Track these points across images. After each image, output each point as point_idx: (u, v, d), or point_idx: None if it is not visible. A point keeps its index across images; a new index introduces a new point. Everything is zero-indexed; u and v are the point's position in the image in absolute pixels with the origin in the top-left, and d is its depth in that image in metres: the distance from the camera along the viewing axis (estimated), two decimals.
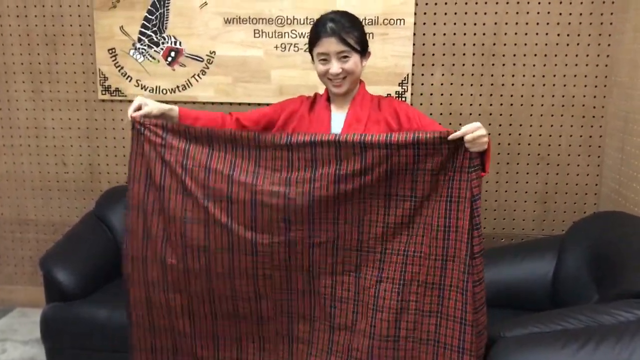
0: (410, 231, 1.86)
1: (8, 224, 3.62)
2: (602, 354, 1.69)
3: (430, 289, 1.84)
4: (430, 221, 1.83)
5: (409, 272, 1.85)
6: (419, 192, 1.82)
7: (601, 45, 3.06)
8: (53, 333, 2.75)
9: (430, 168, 1.80)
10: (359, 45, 1.97)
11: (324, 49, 1.94)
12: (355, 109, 2.01)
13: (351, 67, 1.96)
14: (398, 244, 1.86)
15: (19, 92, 3.46)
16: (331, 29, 1.92)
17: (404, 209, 1.84)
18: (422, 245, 1.84)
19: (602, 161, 3.15)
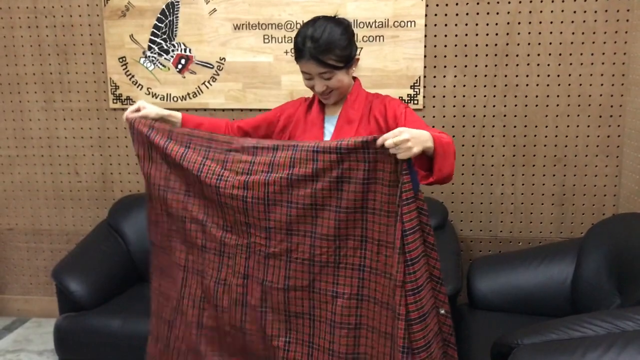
0: (362, 245, 1.71)
1: (22, 234, 3.63)
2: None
3: (385, 308, 1.68)
4: (378, 236, 1.68)
5: (365, 288, 1.71)
6: (356, 202, 1.68)
7: (617, 42, 2.99)
8: (67, 344, 2.74)
9: (366, 177, 1.65)
10: (342, 61, 1.86)
11: (304, 69, 1.88)
12: (347, 110, 1.96)
13: (335, 84, 1.89)
14: (352, 258, 1.73)
15: (31, 102, 3.47)
16: (309, 52, 1.82)
17: (355, 220, 1.69)
18: (376, 262, 1.69)
19: (621, 162, 3.09)
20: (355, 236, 1.71)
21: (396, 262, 1.60)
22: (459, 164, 3.19)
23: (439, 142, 1.61)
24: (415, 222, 1.61)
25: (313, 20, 1.89)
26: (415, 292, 1.60)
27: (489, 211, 3.23)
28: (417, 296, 1.61)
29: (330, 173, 1.68)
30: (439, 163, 1.61)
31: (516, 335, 1.85)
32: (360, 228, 1.69)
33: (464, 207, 3.24)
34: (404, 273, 1.60)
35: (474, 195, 3.23)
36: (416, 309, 1.61)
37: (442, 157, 1.62)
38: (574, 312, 2.43)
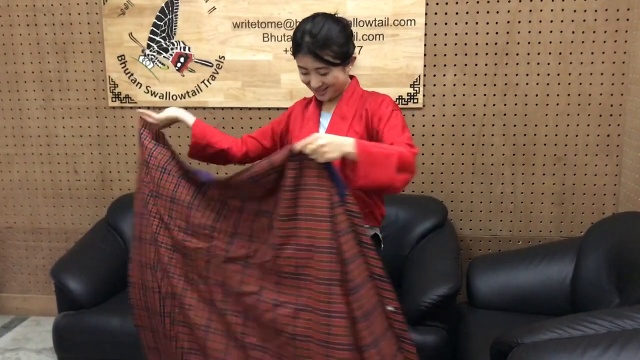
0: (297, 253, 1.71)
1: (21, 232, 3.62)
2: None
3: (320, 315, 1.67)
4: (310, 242, 1.67)
5: (303, 297, 1.71)
6: (288, 210, 1.70)
7: (617, 41, 2.99)
8: (65, 342, 2.74)
9: (295, 184, 1.68)
10: (339, 58, 1.87)
11: (301, 63, 1.89)
12: (342, 107, 1.97)
13: (331, 80, 1.90)
14: (290, 267, 1.73)
15: (30, 100, 3.46)
16: (307, 46, 1.83)
17: (287, 229, 1.71)
18: (310, 269, 1.69)
19: (621, 161, 3.08)
20: (290, 244, 1.71)
21: (332, 263, 1.62)
22: (459, 162, 3.19)
23: (364, 150, 1.63)
24: (345, 224, 1.63)
25: (312, 17, 1.90)
26: (354, 291, 1.63)
27: (488, 210, 3.22)
28: (356, 295, 1.63)
29: (271, 184, 1.74)
30: (363, 170, 1.63)
31: (516, 334, 1.84)
32: (294, 236, 1.70)
33: (464, 206, 3.24)
34: (341, 272, 1.62)
35: (473, 194, 3.22)
36: (358, 307, 1.63)
37: (368, 164, 1.64)
38: (574, 311, 2.43)
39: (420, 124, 3.18)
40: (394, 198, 3.02)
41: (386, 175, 1.66)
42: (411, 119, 3.18)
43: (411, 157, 1.74)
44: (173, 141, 3.40)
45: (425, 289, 2.54)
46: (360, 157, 1.63)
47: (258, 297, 1.78)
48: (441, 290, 2.50)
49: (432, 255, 2.82)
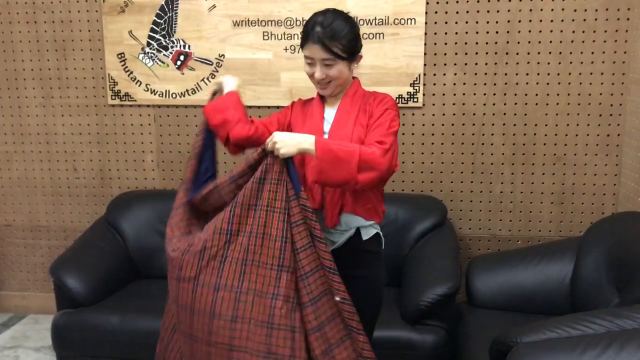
0: (249, 240, 1.80)
1: (20, 230, 3.62)
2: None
3: (263, 297, 1.77)
4: (263, 230, 1.79)
5: (245, 281, 1.79)
6: (250, 200, 1.80)
7: (618, 41, 2.99)
8: (64, 340, 2.74)
9: (262, 177, 1.80)
10: (346, 52, 1.89)
11: (309, 53, 1.90)
12: (346, 103, 1.98)
13: (335, 74, 1.91)
14: (240, 253, 1.81)
15: (29, 98, 3.46)
16: (317, 36, 1.85)
17: (244, 217, 1.82)
18: (259, 255, 1.79)
19: (621, 160, 3.08)
20: (245, 232, 1.81)
21: (284, 251, 1.75)
22: (458, 161, 3.18)
23: (323, 147, 1.74)
24: (299, 216, 1.76)
25: (324, 11, 1.93)
26: (303, 277, 1.75)
27: (488, 209, 3.22)
28: (305, 282, 1.75)
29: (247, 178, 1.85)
30: (320, 165, 1.74)
31: (515, 334, 1.84)
32: (248, 224, 1.80)
33: (463, 205, 3.24)
34: (294, 261, 1.75)
35: (473, 193, 3.22)
36: (306, 293, 1.75)
37: (327, 162, 1.73)
38: (573, 310, 2.43)
39: (420, 123, 3.18)
40: (393, 197, 3.02)
41: (346, 172, 1.74)
42: (411, 118, 3.17)
43: (376, 154, 1.77)
44: (181, 139, 3.40)
45: (425, 288, 2.54)
46: (319, 154, 1.74)
47: (196, 282, 1.84)
48: (440, 290, 2.50)
49: (431, 254, 2.82)
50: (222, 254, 1.81)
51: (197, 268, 1.82)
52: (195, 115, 3.33)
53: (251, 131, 2.01)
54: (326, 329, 1.76)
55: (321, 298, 1.76)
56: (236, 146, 2.06)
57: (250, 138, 2.01)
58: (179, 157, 3.40)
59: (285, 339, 1.74)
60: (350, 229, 1.93)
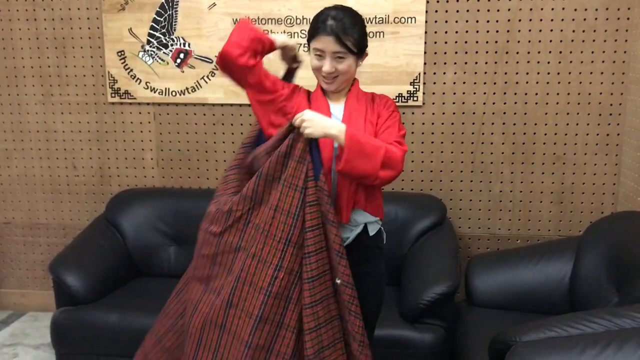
0: (265, 210, 1.87)
1: (19, 228, 3.62)
2: (623, 359, 1.63)
3: (266, 265, 1.85)
4: (276, 202, 1.85)
5: (254, 247, 1.86)
6: (275, 173, 1.86)
7: (618, 40, 2.99)
8: (63, 338, 2.74)
9: (287, 152, 1.85)
10: (357, 47, 1.91)
11: (320, 45, 1.90)
12: (353, 102, 1.99)
13: (344, 68, 1.92)
14: (259, 220, 1.88)
15: (29, 95, 3.46)
16: (330, 28, 1.86)
17: (268, 187, 1.89)
18: (269, 225, 1.85)
19: (620, 160, 3.08)
20: (264, 201, 1.87)
21: (294, 228, 1.81)
22: (458, 160, 3.19)
23: (353, 138, 1.76)
24: (314, 197, 1.81)
25: (334, 6, 1.94)
26: (306, 256, 1.81)
27: (487, 209, 3.22)
28: (310, 259, 1.81)
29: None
30: (347, 154, 1.75)
31: (514, 333, 1.84)
32: (268, 194, 1.87)
33: (463, 204, 3.24)
34: (303, 239, 1.81)
35: (472, 192, 3.22)
36: (306, 270, 1.81)
37: (354, 152, 1.76)
38: (572, 309, 2.43)
39: (420, 122, 3.18)
40: (393, 196, 3.02)
41: (370, 166, 1.78)
42: (411, 116, 3.17)
43: (398, 155, 1.83)
44: (180, 134, 3.39)
45: (424, 287, 2.54)
46: (347, 143, 1.75)
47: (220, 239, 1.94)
48: (440, 289, 2.50)
49: (430, 253, 2.82)
50: (245, 218, 1.88)
51: (222, 226, 1.92)
52: (195, 114, 3.33)
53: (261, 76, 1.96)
54: (318, 307, 1.83)
55: (319, 278, 1.83)
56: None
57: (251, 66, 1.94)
58: (179, 155, 3.40)
59: (279, 307, 1.81)
60: (359, 225, 1.96)
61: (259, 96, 1.97)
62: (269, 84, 1.96)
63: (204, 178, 3.41)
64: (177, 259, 3.14)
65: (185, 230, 3.15)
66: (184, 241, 3.15)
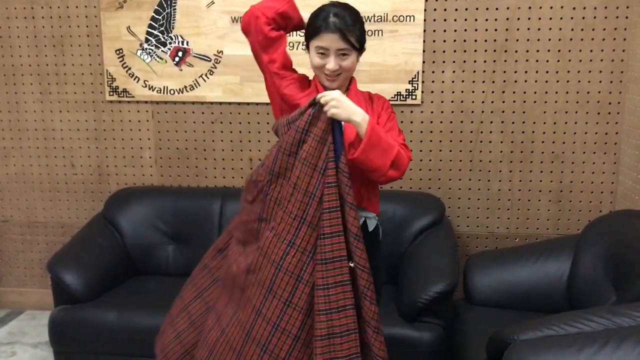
0: (281, 181, 1.89)
1: (17, 226, 3.61)
2: (621, 357, 1.63)
3: (284, 243, 1.86)
4: (295, 180, 1.85)
5: (272, 220, 1.90)
6: (292, 147, 1.85)
7: (616, 39, 2.99)
8: (61, 336, 2.73)
9: (305, 128, 1.83)
10: (359, 43, 1.92)
11: (324, 43, 1.88)
12: (352, 98, 1.97)
13: (348, 65, 1.92)
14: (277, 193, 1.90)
15: (27, 93, 3.45)
16: (334, 25, 1.86)
17: (287, 162, 1.88)
18: (287, 202, 1.86)
19: (619, 159, 3.08)
20: (284, 175, 1.88)
21: (310, 207, 1.81)
22: (457, 159, 3.18)
23: (374, 131, 1.78)
24: (333, 178, 1.80)
25: (332, 3, 1.93)
26: (321, 237, 1.81)
27: (486, 207, 3.22)
28: (325, 241, 1.80)
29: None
30: (365, 145, 1.77)
31: (512, 331, 1.84)
32: (287, 169, 1.87)
33: (461, 203, 3.24)
34: (319, 219, 1.81)
35: (471, 191, 3.22)
36: (323, 252, 1.80)
37: (372, 143, 1.78)
38: (571, 308, 2.43)
39: (419, 121, 3.18)
40: (391, 194, 3.02)
41: (382, 162, 1.81)
42: (409, 115, 3.17)
43: (406, 159, 1.88)
44: (184, 130, 3.39)
45: (422, 285, 2.54)
46: (368, 134, 1.77)
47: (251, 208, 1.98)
48: (438, 287, 2.50)
49: (429, 251, 2.82)
50: (265, 190, 1.90)
51: (252, 195, 1.95)
52: (193, 112, 3.33)
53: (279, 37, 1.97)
54: (331, 291, 1.81)
55: (333, 262, 1.81)
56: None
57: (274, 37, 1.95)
58: (177, 154, 3.39)
59: (288, 284, 1.82)
60: (360, 220, 1.97)
61: (271, 75, 1.99)
62: (281, 64, 1.96)
63: (203, 176, 3.40)
64: (176, 258, 3.14)
65: (183, 229, 3.15)
66: (182, 239, 3.15)
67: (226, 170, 3.38)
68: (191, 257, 3.13)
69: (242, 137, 3.33)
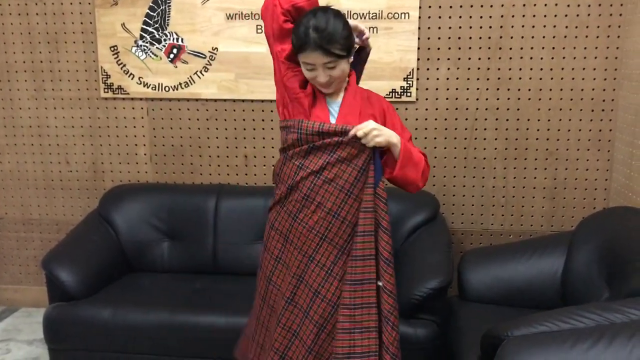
0: (318, 210, 1.93)
1: (12, 223, 3.61)
2: (613, 353, 1.64)
3: (323, 270, 1.93)
4: (330, 206, 1.90)
5: (311, 249, 1.93)
6: (329, 175, 1.89)
7: (611, 37, 3.00)
8: (56, 333, 2.73)
9: (341, 157, 1.88)
10: (345, 50, 1.87)
11: (309, 60, 1.86)
12: (349, 98, 1.98)
13: (338, 74, 1.89)
14: (310, 220, 1.94)
15: (21, 90, 3.44)
16: (314, 42, 1.81)
17: (323, 189, 1.93)
18: (324, 228, 1.91)
19: (612, 156, 3.10)
20: (316, 201, 1.92)
21: (344, 233, 1.88)
22: (451, 156, 3.19)
23: (406, 147, 1.89)
24: (370, 204, 1.86)
25: (312, 12, 1.87)
26: (355, 259, 1.86)
27: (480, 204, 3.24)
28: (356, 263, 1.86)
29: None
30: (402, 161, 1.88)
31: (506, 327, 1.85)
32: (321, 196, 1.91)
33: (456, 199, 3.25)
34: (351, 242, 1.88)
35: (465, 188, 3.23)
36: (353, 272, 1.86)
37: (406, 159, 1.89)
38: (564, 304, 2.44)
39: (413, 118, 3.18)
40: (386, 191, 3.01)
41: (416, 174, 1.94)
42: (404, 112, 3.18)
43: (428, 169, 2.00)
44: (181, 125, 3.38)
45: (417, 282, 2.54)
46: (402, 153, 1.87)
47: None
48: (432, 284, 2.51)
49: (423, 248, 2.82)
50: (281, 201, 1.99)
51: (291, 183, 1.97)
52: (188, 109, 3.33)
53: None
54: (357, 312, 1.86)
55: (362, 284, 1.86)
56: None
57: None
58: (172, 151, 3.39)
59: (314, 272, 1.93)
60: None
61: (279, 63, 1.97)
62: (290, 55, 1.94)
63: (198, 173, 3.40)
64: (171, 255, 3.14)
65: (178, 226, 3.15)
66: (177, 236, 3.15)
67: (221, 167, 3.38)
68: (186, 254, 3.14)
69: (237, 134, 3.33)
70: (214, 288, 2.93)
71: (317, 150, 1.88)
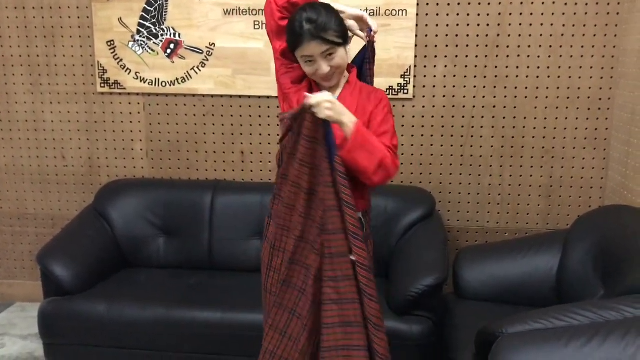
0: (285, 181, 1.97)
1: (7, 218, 3.60)
2: (607, 351, 1.65)
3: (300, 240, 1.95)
4: (294, 179, 1.92)
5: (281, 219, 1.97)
6: (292, 150, 1.91)
7: (607, 35, 3.00)
8: (51, 328, 2.73)
9: (296, 130, 1.88)
10: (341, 37, 1.90)
11: (308, 52, 1.87)
12: (346, 94, 1.98)
13: (338, 62, 1.91)
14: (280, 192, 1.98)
15: (17, 85, 3.43)
16: (310, 32, 1.83)
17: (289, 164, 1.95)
18: (292, 200, 1.93)
19: (608, 154, 3.10)
20: (284, 175, 1.96)
21: (318, 209, 1.87)
22: (448, 153, 3.20)
23: (360, 131, 1.83)
24: (329, 177, 1.84)
25: (302, 8, 1.89)
26: (329, 232, 1.86)
27: (476, 202, 3.24)
28: (331, 236, 1.86)
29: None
30: (351, 145, 1.83)
31: (501, 325, 1.86)
32: (299, 178, 1.92)
33: (452, 197, 3.25)
34: (326, 217, 1.86)
35: (461, 185, 3.23)
36: (330, 246, 1.86)
37: (357, 144, 1.83)
38: (559, 302, 2.45)
39: (410, 115, 3.19)
40: (382, 188, 3.01)
41: (368, 163, 1.84)
42: (401, 109, 3.18)
43: (392, 166, 1.89)
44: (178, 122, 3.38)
45: (412, 279, 2.55)
46: (354, 135, 1.82)
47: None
48: (428, 281, 2.51)
49: (419, 245, 2.83)
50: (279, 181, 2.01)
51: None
52: (185, 104, 3.32)
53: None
54: (340, 284, 1.86)
55: (340, 257, 1.87)
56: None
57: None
58: (168, 146, 3.38)
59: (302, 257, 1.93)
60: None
61: (276, 59, 2.00)
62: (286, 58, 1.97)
63: (194, 169, 3.40)
64: (166, 250, 3.14)
65: (174, 221, 3.15)
66: (173, 232, 3.15)
67: (217, 163, 3.37)
68: (182, 249, 3.14)
69: (233, 129, 3.32)
70: (210, 284, 2.92)
71: (294, 135, 1.89)
